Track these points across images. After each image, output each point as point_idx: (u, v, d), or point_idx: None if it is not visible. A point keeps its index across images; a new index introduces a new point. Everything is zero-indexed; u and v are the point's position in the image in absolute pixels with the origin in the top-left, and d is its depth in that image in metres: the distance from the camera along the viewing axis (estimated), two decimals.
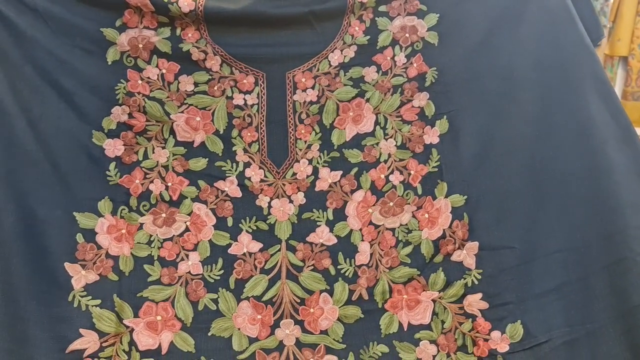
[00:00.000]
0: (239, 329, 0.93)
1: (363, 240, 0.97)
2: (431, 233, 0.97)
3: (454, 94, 0.99)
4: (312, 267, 0.96)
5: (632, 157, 0.97)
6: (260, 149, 0.98)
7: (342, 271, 0.96)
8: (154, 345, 0.90)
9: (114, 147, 0.94)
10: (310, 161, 0.98)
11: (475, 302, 0.95)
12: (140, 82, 0.95)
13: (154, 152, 0.96)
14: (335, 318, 0.95)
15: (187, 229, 0.95)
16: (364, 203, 0.98)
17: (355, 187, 0.98)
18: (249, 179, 0.97)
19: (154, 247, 0.94)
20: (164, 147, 0.96)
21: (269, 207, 0.97)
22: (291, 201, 0.97)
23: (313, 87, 0.98)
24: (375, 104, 0.99)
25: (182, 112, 0.96)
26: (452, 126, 0.99)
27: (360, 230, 0.97)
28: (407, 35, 0.99)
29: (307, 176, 0.98)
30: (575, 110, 0.97)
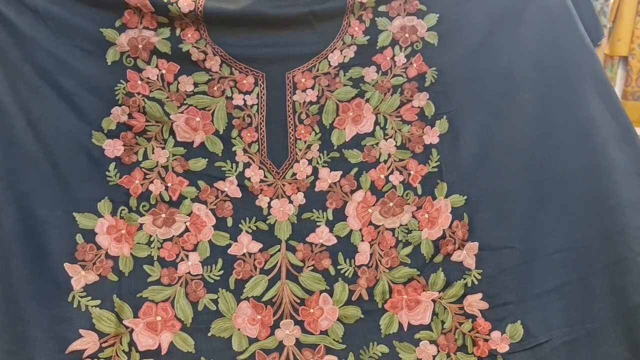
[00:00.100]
0: (239, 330, 0.93)
1: (363, 240, 0.97)
2: (431, 233, 0.97)
3: (454, 94, 0.99)
4: (312, 267, 0.96)
5: (633, 157, 0.96)
6: (260, 149, 0.97)
7: (342, 271, 0.96)
8: (153, 345, 0.90)
9: (113, 147, 0.94)
10: (310, 161, 0.98)
11: (475, 302, 0.95)
12: (139, 82, 0.95)
13: (153, 153, 0.96)
14: (335, 318, 0.95)
15: (186, 230, 0.95)
16: (363, 203, 0.98)
17: (355, 187, 0.98)
18: (248, 179, 0.97)
19: (153, 247, 0.94)
20: (163, 148, 0.96)
21: (269, 207, 0.97)
22: (291, 201, 0.97)
23: (313, 88, 0.98)
24: (375, 104, 0.99)
25: (182, 112, 0.96)
26: (452, 126, 0.99)
27: (360, 230, 0.97)
28: (407, 35, 0.99)
29: (307, 176, 0.98)
30: (575, 110, 0.97)
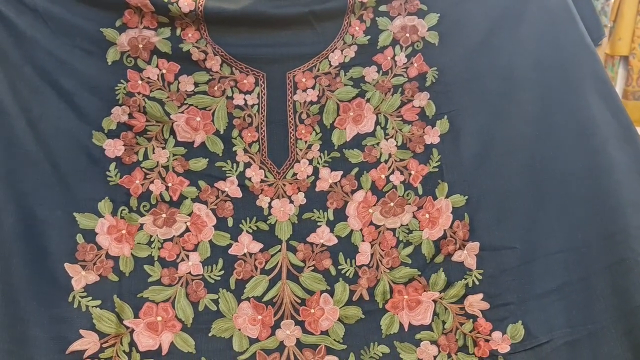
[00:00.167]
0: (240, 330, 0.93)
1: (364, 240, 0.97)
2: (432, 233, 0.97)
3: (455, 94, 0.99)
4: (313, 267, 0.96)
5: (633, 156, 0.96)
6: (260, 149, 0.97)
7: (343, 271, 0.96)
8: (154, 346, 0.90)
9: (114, 147, 0.94)
10: (310, 161, 0.98)
11: (476, 303, 0.94)
12: (140, 82, 0.95)
13: (154, 153, 0.96)
14: (335, 318, 0.94)
15: (187, 230, 0.95)
16: (364, 203, 0.98)
17: (356, 187, 0.98)
18: (249, 179, 0.97)
19: (154, 247, 0.94)
20: (164, 148, 0.96)
21: (270, 207, 0.97)
22: (291, 201, 0.97)
23: (313, 87, 0.98)
24: (375, 104, 0.99)
25: (182, 112, 0.96)
26: (452, 126, 0.98)
27: (361, 230, 0.97)
28: (408, 35, 0.99)
29: (308, 176, 0.98)
30: (575, 110, 0.97)
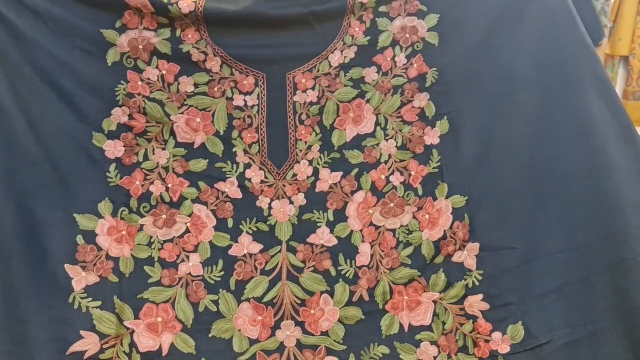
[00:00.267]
0: (240, 330, 0.93)
1: (363, 241, 0.97)
2: (432, 234, 0.97)
3: (455, 95, 0.99)
4: (313, 268, 0.96)
5: (633, 156, 0.96)
6: (260, 150, 0.97)
7: (343, 272, 0.96)
8: (154, 346, 0.90)
9: (114, 148, 0.94)
10: (310, 162, 0.98)
11: (476, 303, 0.94)
12: (140, 83, 0.95)
13: (154, 154, 0.96)
14: (335, 319, 0.94)
15: (187, 230, 0.95)
16: (364, 204, 0.98)
17: (356, 188, 0.98)
18: (249, 180, 0.97)
19: (154, 248, 0.94)
20: (164, 149, 0.96)
21: (269, 208, 0.97)
22: (291, 202, 0.97)
23: (313, 88, 0.98)
24: (375, 105, 0.99)
25: (182, 113, 0.96)
26: (452, 126, 0.98)
27: (361, 231, 0.97)
28: (408, 35, 0.99)
29: (308, 177, 0.98)
30: (575, 110, 0.97)
